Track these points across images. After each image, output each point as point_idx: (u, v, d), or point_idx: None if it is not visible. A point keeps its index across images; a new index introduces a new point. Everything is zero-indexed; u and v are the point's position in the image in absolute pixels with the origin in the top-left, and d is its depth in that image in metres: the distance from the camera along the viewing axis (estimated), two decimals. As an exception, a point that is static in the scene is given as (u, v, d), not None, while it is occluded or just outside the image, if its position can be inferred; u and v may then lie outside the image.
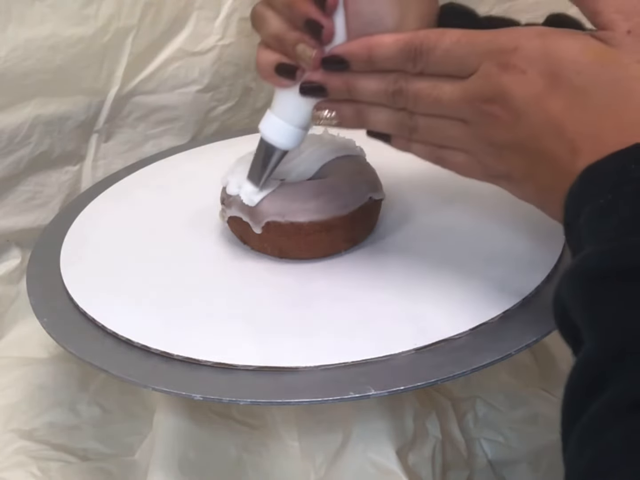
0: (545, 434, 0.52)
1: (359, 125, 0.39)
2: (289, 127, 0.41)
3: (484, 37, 0.33)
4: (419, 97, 0.35)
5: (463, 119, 0.34)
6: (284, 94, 0.40)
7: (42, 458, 0.51)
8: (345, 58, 0.36)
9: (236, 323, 0.43)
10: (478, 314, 0.40)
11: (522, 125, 0.32)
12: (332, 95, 0.38)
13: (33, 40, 0.60)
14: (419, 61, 0.34)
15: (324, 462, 0.48)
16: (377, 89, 0.37)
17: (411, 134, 0.37)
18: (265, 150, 0.43)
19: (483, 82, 0.32)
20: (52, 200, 0.68)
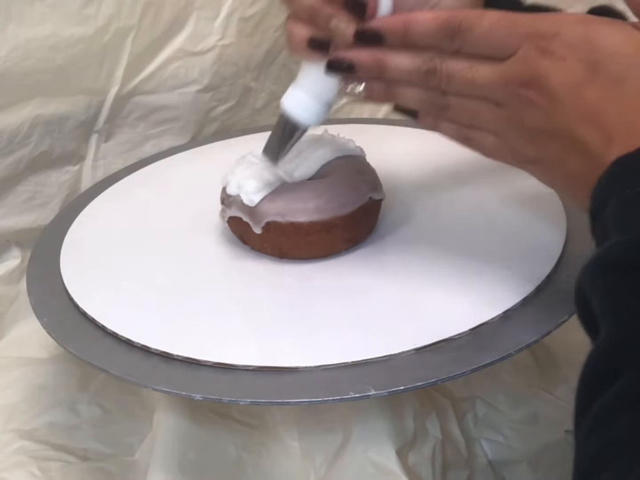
0: (545, 434, 0.52)
1: (387, 100, 0.39)
2: (313, 102, 0.39)
3: (525, 20, 0.32)
4: (452, 77, 0.35)
5: (497, 101, 0.34)
6: (311, 68, 0.39)
7: (42, 458, 0.51)
8: (382, 32, 0.36)
9: (236, 323, 0.43)
10: (478, 314, 0.40)
11: (557, 111, 0.32)
12: (361, 72, 0.37)
13: (33, 40, 0.60)
14: (457, 40, 0.34)
15: (324, 462, 0.48)
16: (409, 67, 0.36)
17: (441, 113, 0.37)
18: (286, 125, 0.41)
19: (521, 65, 0.32)
20: (52, 200, 0.68)
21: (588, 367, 0.24)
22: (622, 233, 0.26)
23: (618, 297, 0.24)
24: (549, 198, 0.52)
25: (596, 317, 0.25)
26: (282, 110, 0.41)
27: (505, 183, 0.55)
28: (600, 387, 0.23)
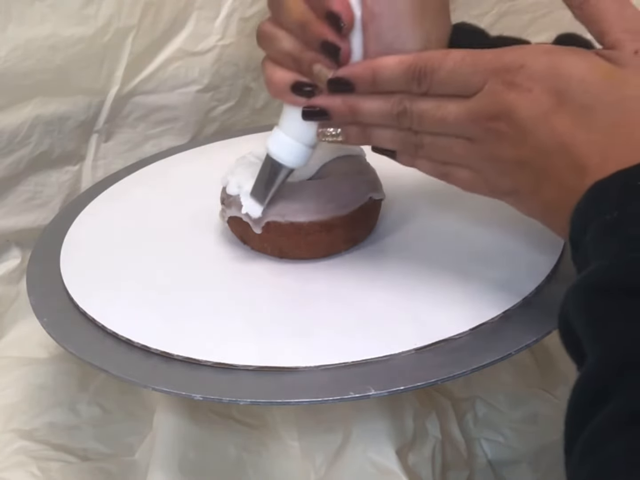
0: (545, 434, 0.52)
1: (364, 143, 0.40)
2: (297, 144, 0.41)
3: (489, 55, 0.33)
4: (423, 117, 0.35)
5: (468, 137, 0.34)
6: (292, 111, 0.40)
7: (42, 458, 0.51)
8: (350, 80, 0.36)
9: (236, 323, 0.43)
10: (478, 314, 0.40)
11: (528, 142, 0.32)
12: (335, 119, 0.38)
13: (33, 40, 0.60)
14: (423, 82, 0.34)
15: (324, 462, 0.48)
16: (381, 110, 0.37)
17: (416, 151, 0.37)
18: (272, 167, 0.42)
19: (488, 100, 0.33)
20: (52, 200, 0.68)
21: (576, 392, 0.24)
22: (603, 258, 0.27)
23: (602, 321, 0.24)
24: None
25: (580, 341, 0.25)
26: (267, 152, 0.42)
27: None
28: (590, 412, 0.23)
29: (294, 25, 0.38)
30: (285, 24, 0.38)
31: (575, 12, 0.34)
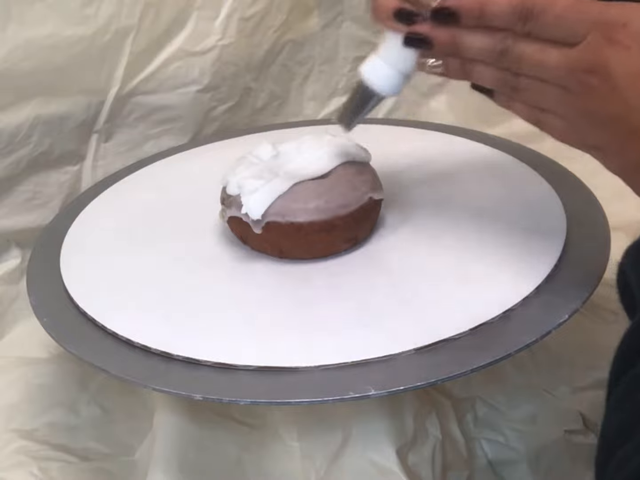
0: (545, 434, 0.52)
1: (463, 77, 0.39)
2: (393, 72, 0.40)
3: (596, 6, 0.33)
4: (523, 59, 0.35)
5: (564, 86, 0.34)
6: (393, 38, 0.39)
7: (42, 458, 0.51)
8: (458, 11, 0.36)
9: (236, 323, 0.43)
10: (478, 314, 0.40)
11: (617, 100, 0.32)
12: (437, 49, 0.38)
13: (33, 40, 0.60)
14: (529, 22, 0.34)
15: (324, 462, 0.48)
16: (483, 46, 0.36)
17: (513, 93, 0.37)
18: (363, 93, 0.41)
19: (587, 53, 0.33)
20: (52, 200, 0.68)
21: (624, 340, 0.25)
22: None
23: None
24: (550, 198, 0.52)
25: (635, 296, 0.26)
26: (361, 77, 0.41)
27: (505, 183, 0.55)
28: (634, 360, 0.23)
29: None
30: None
31: None
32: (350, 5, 0.81)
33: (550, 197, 0.52)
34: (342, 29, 0.82)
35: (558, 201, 0.51)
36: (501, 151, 0.60)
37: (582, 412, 0.52)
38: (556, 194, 0.52)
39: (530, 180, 0.55)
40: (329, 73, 0.83)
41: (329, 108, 0.85)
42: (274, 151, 0.51)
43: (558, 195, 0.52)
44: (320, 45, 0.82)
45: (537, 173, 0.56)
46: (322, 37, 0.81)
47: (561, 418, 0.52)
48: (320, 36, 0.81)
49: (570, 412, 0.53)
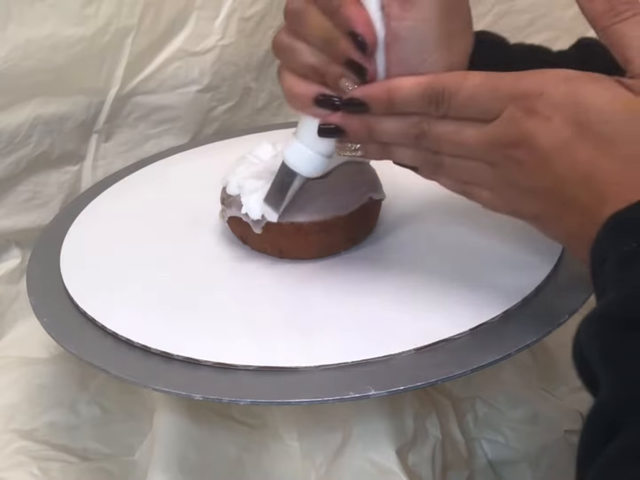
0: (545, 434, 0.52)
1: (384, 159, 0.39)
2: (313, 154, 0.40)
3: (508, 80, 0.32)
4: (442, 140, 0.35)
5: (488, 162, 0.34)
6: (310, 121, 0.39)
7: (42, 458, 0.51)
8: (365, 101, 0.36)
9: (236, 323, 0.43)
10: (478, 314, 0.40)
11: (548, 171, 0.32)
12: (352, 137, 0.38)
13: (33, 40, 0.60)
14: (441, 105, 0.34)
15: (324, 462, 0.48)
16: (398, 131, 0.36)
17: (437, 170, 0.37)
18: (287, 175, 0.42)
19: (508, 127, 0.32)
20: (52, 200, 0.68)
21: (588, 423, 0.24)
22: (619, 289, 0.26)
23: (615, 354, 0.24)
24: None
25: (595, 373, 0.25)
26: (283, 160, 0.41)
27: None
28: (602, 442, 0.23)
29: (316, 40, 0.37)
30: (306, 37, 0.37)
31: (599, 34, 0.33)
32: (350, 5, 0.81)
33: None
34: (342, 29, 0.82)
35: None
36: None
37: (582, 412, 0.52)
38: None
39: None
40: (329, 73, 0.83)
41: (329, 108, 0.85)
42: (274, 151, 0.51)
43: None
44: (320, 45, 0.81)
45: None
46: (322, 37, 0.81)
47: (561, 418, 0.52)
48: (320, 36, 0.81)
49: (570, 412, 0.53)
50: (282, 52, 0.39)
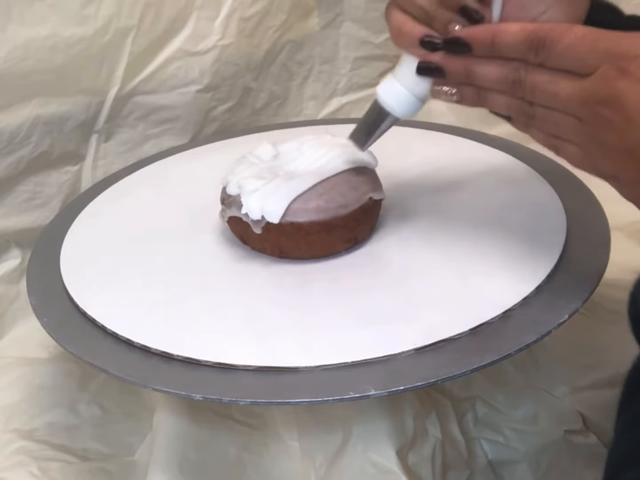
0: (545, 434, 0.52)
1: (479, 105, 0.39)
2: (409, 95, 0.40)
3: (609, 38, 0.33)
4: (536, 90, 0.35)
5: (578, 117, 0.34)
6: (411, 61, 0.39)
7: (42, 458, 0.51)
8: (469, 42, 0.36)
9: (236, 323, 0.43)
10: (478, 314, 0.40)
11: (632, 132, 0.32)
12: (450, 78, 0.38)
13: (33, 40, 0.60)
14: (541, 52, 0.34)
15: (324, 462, 0.48)
16: (496, 76, 0.36)
17: (529, 121, 0.37)
18: (379, 114, 0.41)
19: (600, 84, 0.32)
20: (52, 200, 0.68)
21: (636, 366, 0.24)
22: None
23: None
24: (550, 198, 0.52)
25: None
26: (376, 97, 0.41)
27: (505, 183, 0.55)
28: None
29: None
30: None
31: None
32: (350, 5, 0.81)
33: (550, 197, 0.52)
34: (342, 29, 0.82)
35: (558, 201, 0.51)
36: (501, 151, 0.60)
37: (582, 412, 0.52)
38: (556, 194, 0.52)
39: (531, 180, 0.55)
40: (329, 73, 0.83)
41: (329, 108, 0.85)
42: (274, 151, 0.51)
43: (558, 195, 0.52)
44: (320, 45, 0.82)
45: (537, 173, 0.56)
46: (322, 37, 0.81)
47: (561, 418, 0.52)
48: (320, 36, 0.81)
49: (570, 412, 0.53)
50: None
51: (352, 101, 0.85)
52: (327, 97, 0.84)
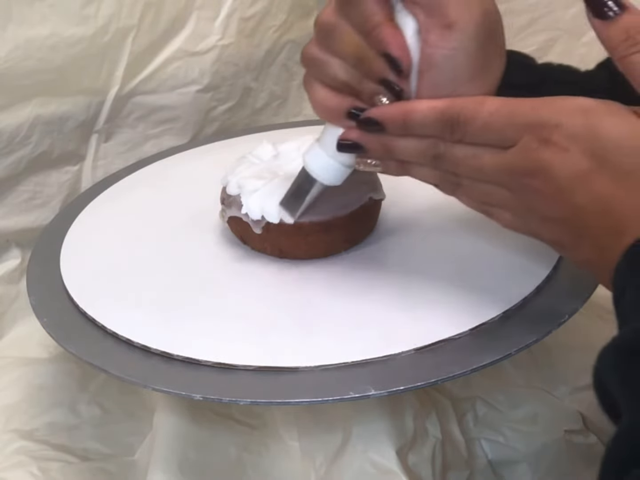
0: (545, 434, 0.52)
1: (404, 175, 0.39)
2: (335, 163, 0.40)
3: (524, 108, 0.32)
4: (459, 164, 0.35)
5: (507, 187, 0.34)
6: (335, 131, 0.39)
7: (42, 458, 0.51)
8: (380, 121, 0.36)
9: (236, 323, 0.43)
10: (478, 314, 0.40)
11: (565, 201, 0.31)
12: (370, 154, 0.38)
13: (33, 40, 0.60)
14: (456, 131, 0.34)
15: (324, 462, 0.48)
16: (415, 152, 0.36)
17: (456, 189, 0.37)
18: (306, 182, 0.42)
19: (524, 156, 0.32)
20: (52, 200, 0.68)
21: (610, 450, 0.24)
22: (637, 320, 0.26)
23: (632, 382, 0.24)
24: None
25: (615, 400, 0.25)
26: (304, 165, 0.41)
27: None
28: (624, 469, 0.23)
29: (348, 57, 0.36)
30: (338, 53, 0.37)
31: (616, 63, 0.32)
32: (350, 5, 0.81)
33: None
34: (342, 29, 0.82)
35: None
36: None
37: (582, 412, 0.52)
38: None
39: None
40: (329, 73, 0.83)
41: (329, 108, 0.85)
42: (274, 151, 0.51)
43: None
44: (320, 45, 0.82)
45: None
46: (322, 37, 0.81)
47: (561, 418, 0.52)
48: (320, 36, 0.81)
49: (570, 412, 0.53)
50: (312, 64, 0.38)
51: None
52: (327, 97, 0.84)
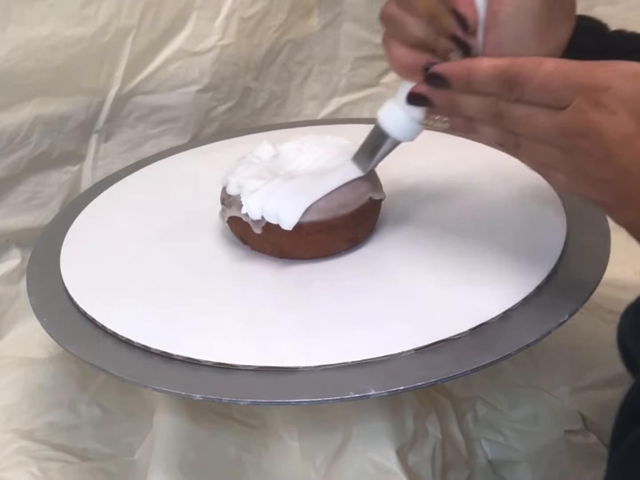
0: (545, 434, 0.52)
1: (468, 133, 0.40)
2: (407, 118, 0.41)
3: (580, 70, 0.33)
4: (517, 123, 0.36)
5: (560, 147, 0.35)
6: (410, 86, 0.40)
7: (42, 458, 0.51)
8: (446, 77, 0.37)
9: (236, 323, 0.43)
10: (478, 314, 0.40)
11: (611, 164, 0.32)
12: (438, 108, 0.39)
13: (33, 40, 0.60)
14: (515, 90, 0.35)
15: (324, 462, 0.48)
16: (478, 109, 0.37)
17: (516, 150, 0.38)
18: (379, 136, 0.43)
19: (575, 118, 0.33)
20: (52, 200, 0.68)
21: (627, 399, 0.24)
22: None
23: None
24: (550, 198, 0.52)
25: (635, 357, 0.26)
26: (378, 122, 0.42)
27: (505, 183, 0.55)
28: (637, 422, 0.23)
29: (423, 15, 0.38)
30: (414, 11, 0.38)
31: None
32: (350, 5, 0.81)
33: (550, 197, 0.52)
34: (342, 29, 0.82)
35: (558, 201, 0.51)
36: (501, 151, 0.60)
37: (582, 412, 0.52)
38: (556, 194, 0.52)
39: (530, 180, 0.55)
40: (329, 73, 0.84)
41: (329, 108, 0.85)
42: (274, 151, 0.51)
43: (558, 196, 0.52)
44: (320, 45, 0.82)
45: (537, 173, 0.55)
46: (322, 37, 0.81)
47: (561, 418, 0.52)
48: (320, 36, 0.81)
49: (570, 412, 0.53)
50: (390, 23, 0.40)
51: (352, 101, 0.85)
52: (327, 97, 0.84)
